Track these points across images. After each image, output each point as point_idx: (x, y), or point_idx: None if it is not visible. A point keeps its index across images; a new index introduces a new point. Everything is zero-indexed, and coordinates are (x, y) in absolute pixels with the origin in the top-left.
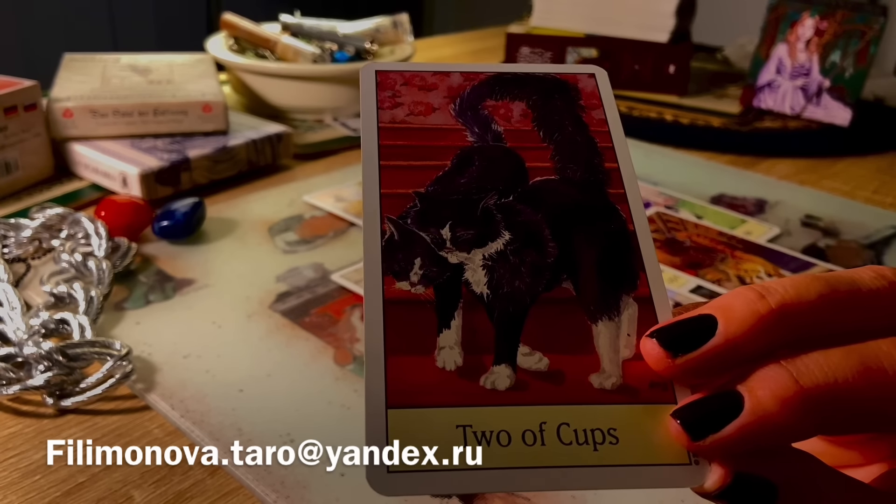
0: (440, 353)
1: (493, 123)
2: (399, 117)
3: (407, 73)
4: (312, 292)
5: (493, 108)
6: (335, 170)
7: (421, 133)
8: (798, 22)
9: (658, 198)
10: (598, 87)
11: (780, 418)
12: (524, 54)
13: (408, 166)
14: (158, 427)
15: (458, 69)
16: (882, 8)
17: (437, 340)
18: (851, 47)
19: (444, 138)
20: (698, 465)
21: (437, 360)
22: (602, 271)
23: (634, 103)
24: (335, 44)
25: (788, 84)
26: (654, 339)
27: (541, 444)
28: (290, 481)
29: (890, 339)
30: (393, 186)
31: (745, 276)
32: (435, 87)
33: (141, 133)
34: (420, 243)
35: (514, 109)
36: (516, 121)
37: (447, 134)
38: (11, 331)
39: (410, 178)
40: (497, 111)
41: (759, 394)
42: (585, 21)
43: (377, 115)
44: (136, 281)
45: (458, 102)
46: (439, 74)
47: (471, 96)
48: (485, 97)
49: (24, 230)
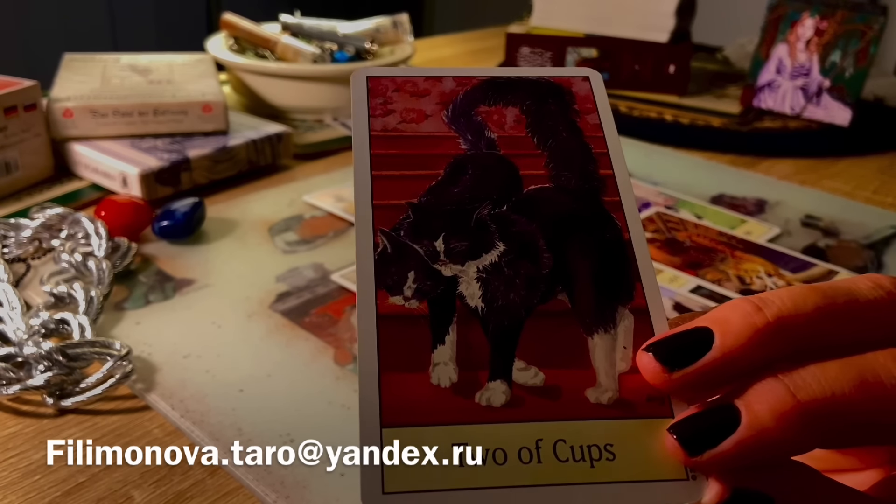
0: (434, 370)
1: (486, 130)
2: (391, 125)
3: (399, 79)
4: (312, 292)
5: (486, 113)
6: (335, 170)
7: (413, 141)
8: (798, 22)
9: (658, 198)
10: (593, 90)
11: (778, 433)
12: (524, 54)
13: (400, 176)
14: (158, 427)
15: (451, 74)
16: (882, 8)
17: (431, 357)
18: (851, 47)
19: (437, 146)
20: (696, 480)
21: (432, 376)
22: (598, 282)
23: (634, 103)
24: (335, 44)
25: (788, 84)
26: (651, 353)
27: (537, 462)
28: (290, 481)
29: (888, 351)
30: (385, 197)
31: (744, 276)
32: (427, 92)
33: (141, 133)
34: (413, 256)
35: (507, 115)
36: (510, 127)
37: (440, 142)
38: (11, 331)
39: (403, 189)
40: (490, 117)
41: (756, 408)
42: (585, 21)
43: (369, 122)
44: (136, 281)
45: (451, 109)
46: (431, 80)
47: (463, 102)
48: (478, 103)
49: (25, 230)
